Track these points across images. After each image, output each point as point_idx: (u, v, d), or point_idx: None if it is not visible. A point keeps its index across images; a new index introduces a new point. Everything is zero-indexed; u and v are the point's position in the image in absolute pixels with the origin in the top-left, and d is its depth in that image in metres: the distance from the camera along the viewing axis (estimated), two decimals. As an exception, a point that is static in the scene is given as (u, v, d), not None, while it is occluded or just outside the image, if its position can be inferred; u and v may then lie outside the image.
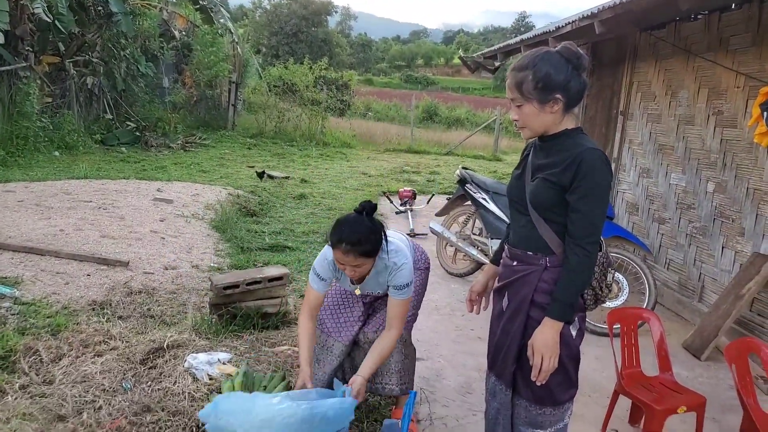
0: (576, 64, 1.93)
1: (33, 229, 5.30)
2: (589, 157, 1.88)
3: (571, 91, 1.94)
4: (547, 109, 1.95)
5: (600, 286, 2.09)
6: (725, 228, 4.50)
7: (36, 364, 3.09)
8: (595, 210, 1.89)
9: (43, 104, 10.31)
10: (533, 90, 1.93)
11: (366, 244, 2.42)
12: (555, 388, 2.03)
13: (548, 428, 2.09)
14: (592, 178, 1.87)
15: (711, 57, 4.68)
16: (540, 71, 1.91)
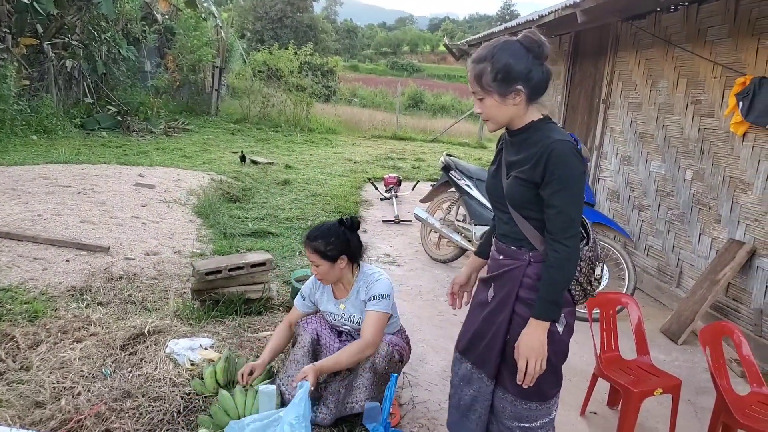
0: (537, 52, 1.86)
1: (9, 214, 5.21)
2: (558, 150, 1.81)
3: (532, 81, 1.86)
4: (509, 101, 1.88)
5: (588, 280, 2.02)
6: (702, 215, 4.57)
7: (13, 350, 3.07)
8: (569, 204, 1.83)
9: (20, 87, 10.10)
10: (492, 82, 1.86)
11: (319, 242, 2.68)
12: (543, 384, 1.99)
13: (534, 422, 2.05)
14: (562, 171, 1.81)
15: (689, 48, 4.72)
16: (499, 62, 1.84)
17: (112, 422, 2.50)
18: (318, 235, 2.71)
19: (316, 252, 2.69)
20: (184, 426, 2.60)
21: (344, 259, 2.75)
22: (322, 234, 2.71)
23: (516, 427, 2.06)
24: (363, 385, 2.70)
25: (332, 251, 2.70)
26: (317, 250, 2.69)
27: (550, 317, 1.88)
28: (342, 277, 2.81)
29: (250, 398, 2.73)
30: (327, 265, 2.71)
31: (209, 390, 2.83)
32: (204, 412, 2.71)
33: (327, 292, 2.92)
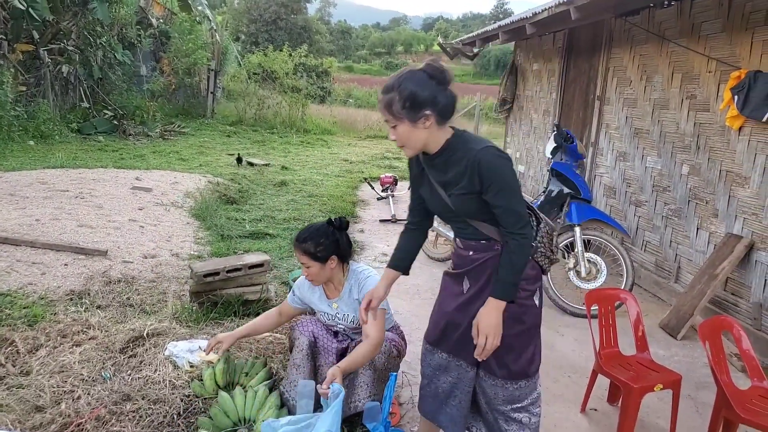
0: (440, 79, 1.99)
1: (7, 219, 5.20)
2: (484, 158, 1.97)
3: (439, 106, 1.99)
4: (420, 125, 2.01)
5: (550, 249, 2.22)
6: (699, 210, 4.58)
7: (12, 355, 3.06)
8: (511, 200, 2.01)
9: (17, 93, 10.08)
10: (402, 110, 1.99)
11: (308, 243, 2.68)
12: (527, 362, 2.16)
13: (525, 400, 2.20)
14: (495, 175, 1.98)
15: (684, 43, 4.73)
16: (405, 91, 1.97)
17: (112, 425, 2.49)
18: (307, 236, 2.72)
19: (306, 254, 2.70)
20: (184, 428, 2.60)
21: (334, 260, 2.76)
22: (311, 235, 2.71)
23: (509, 410, 2.20)
24: (364, 383, 2.70)
25: (322, 252, 2.70)
26: (307, 251, 2.69)
27: (509, 297, 2.06)
28: (333, 277, 2.82)
29: (249, 399, 2.73)
30: (317, 266, 2.73)
31: (209, 392, 2.82)
32: (204, 414, 2.70)
33: (319, 292, 2.92)
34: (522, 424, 2.22)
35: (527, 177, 8.34)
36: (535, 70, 8.21)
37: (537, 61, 8.13)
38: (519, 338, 2.15)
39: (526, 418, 2.22)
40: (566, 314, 4.56)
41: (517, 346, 2.16)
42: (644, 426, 3.05)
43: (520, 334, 2.15)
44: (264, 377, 2.91)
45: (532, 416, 2.23)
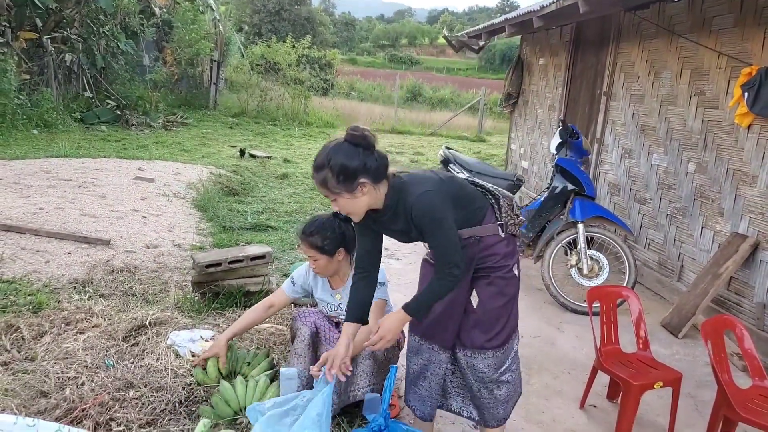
0: (364, 145, 2.08)
1: (12, 207, 5.21)
2: (416, 206, 2.11)
3: (371, 170, 2.09)
4: (358, 194, 2.11)
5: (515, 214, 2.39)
6: (705, 208, 4.57)
7: (18, 341, 3.08)
8: (441, 240, 2.14)
9: (20, 81, 10.06)
10: (338, 184, 2.07)
11: (316, 237, 2.71)
12: (511, 327, 2.37)
13: (508, 360, 2.39)
14: (424, 221, 2.12)
15: (694, 38, 4.70)
16: (336, 166, 2.05)
17: (115, 412, 2.50)
18: (314, 230, 2.73)
19: (313, 247, 2.71)
20: (186, 416, 2.61)
21: (342, 252, 2.78)
22: (318, 228, 2.72)
23: (499, 375, 2.36)
24: (364, 372, 2.71)
25: (329, 245, 2.72)
26: (314, 245, 2.71)
27: (418, 317, 2.27)
28: (340, 269, 2.84)
29: (251, 389, 2.74)
30: (325, 259, 2.75)
31: (211, 380, 2.84)
32: (205, 403, 2.72)
33: (322, 282, 2.94)
34: (509, 383, 2.40)
35: (531, 173, 8.33)
36: (541, 65, 8.19)
37: (543, 55, 8.11)
38: (504, 308, 2.32)
39: (510, 376, 2.40)
40: (567, 311, 4.57)
41: (502, 315, 2.33)
42: (643, 423, 3.06)
43: (504, 305, 2.33)
44: (266, 367, 2.92)
45: (513, 373, 2.42)
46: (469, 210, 2.27)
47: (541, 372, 3.57)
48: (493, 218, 2.31)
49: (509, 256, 2.32)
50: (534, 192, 7.69)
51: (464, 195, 2.28)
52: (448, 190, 2.21)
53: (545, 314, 4.51)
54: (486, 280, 2.31)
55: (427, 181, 2.20)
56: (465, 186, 2.33)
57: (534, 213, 4.96)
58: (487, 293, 2.31)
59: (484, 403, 2.39)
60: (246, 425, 2.61)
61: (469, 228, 2.27)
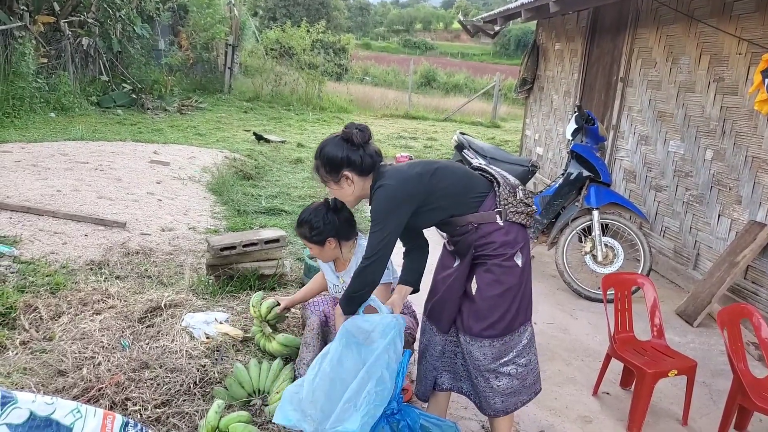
0: (352, 141, 2.26)
1: (30, 189, 5.28)
2: (374, 194, 2.24)
3: (355, 164, 2.27)
4: (344, 184, 2.32)
5: (523, 203, 2.32)
6: (722, 196, 4.51)
7: (36, 321, 3.13)
8: (372, 231, 2.22)
9: (38, 65, 10.13)
10: (327, 174, 2.32)
11: (303, 228, 2.76)
12: (511, 318, 2.30)
13: (511, 352, 2.34)
14: (372, 209, 2.24)
15: (714, 23, 4.61)
16: (324, 157, 2.29)
17: (131, 391, 2.54)
18: (302, 220, 2.77)
19: (303, 237, 2.78)
20: (200, 397, 2.64)
21: (333, 241, 2.78)
22: (306, 219, 2.75)
23: (498, 366, 2.33)
24: None
25: (317, 236, 2.74)
26: (303, 235, 2.77)
27: (345, 311, 2.36)
28: (336, 255, 2.87)
29: (264, 371, 2.77)
30: (316, 248, 2.79)
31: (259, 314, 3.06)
32: (219, 384, 2.75)
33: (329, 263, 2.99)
34: (511, 376, 2.34)
35: (546, 159, 8.26)
36: (557, 50, 8.09)
37: (559, 40, 8.00)
38: (501, 297, 2.28)
39: (513, 369, 2.34)
40: (581, 298, 4.55)
41: (500, 304, 2.28)
42: (656, 411, 3.05)
43: (501, 294, 2.28)
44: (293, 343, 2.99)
45: (519, 366, 2.35)
46: (463, 199, 2.29)
47: (553, 359, 3.57)
48: (493, 206, 2.29)
49: (509, 244, 2.27)
50: (549, 178, 7.64)
51: (458, 186, 2.29)
52: (421, 184, 2.23)
53: (558, 301, 4.50)
54: (483, 267, 2.30)
55: (394, 175, 2.25)
56: (462, 176, 2.33)
57: (549, 199, 4.93)
58: (484, 280, 2.30)
59: (480, 390, 2.38)
60: (260, 407, 2.64)
61: (464, 216, 2.29)
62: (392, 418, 2.18)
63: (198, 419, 2.47)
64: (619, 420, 2.95)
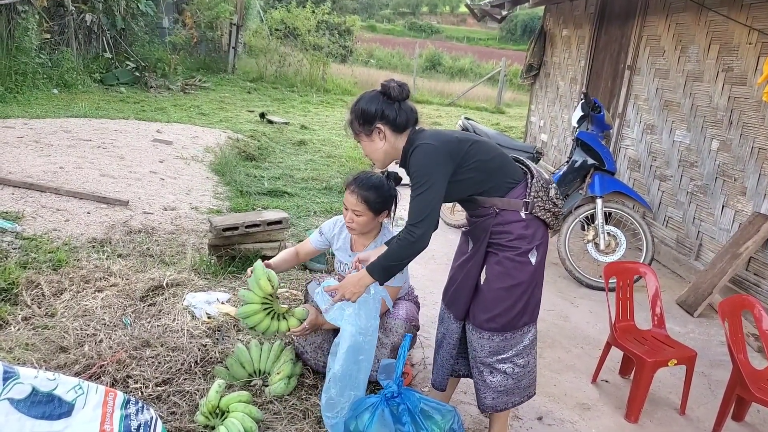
0: (389, 95, 2.21)
1: (33, 165, 5.27)
2: (412, 154, 2.16)
3: (389, 118, 2.21)
4: (375, 138, 2.25)
5: (553, 203, 2.26)
6: (727, 187, 4.49)
7: (38, 297, 3.14)
8: (417, 195, 2.11)
9: (41, 40, 10.05)
10: (359, 126, 2.26)
11: (371, 193, 2.59)
12: (517, 315, 2.26)
13: (510, 351, 2.30)
14: (413, 168, 2.14)
15: (724, 11, 4.56)
16: (357, 110, 2.24)
17: (132, 369, 2.56)
18: (371, 185, 2.61)
19: (365, 202, 2.59)
20: (201, 376, 2.66)
21: (385, 214, 2.71)
22: (374, 185, 2.61)
23: (494, 362, 2.30)
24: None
25: (379, 204, 2.63)
26: (367, 200, 2.59)
27: (376, 277, 2.20)
28: (372, 230, 2.76)
29: (265, 351, 2.77)
30: (370, 216, 2.63)
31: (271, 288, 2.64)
32: (220, 364, 2.76)
33: (345, 239, 2.87)
34: (506, 374, 2.32)
35: (550, 146, 8.22)
36: (564, 36, 8.01)
37: (567, 26, 7.92)
38: (508, 292, 2.24)
39: (510, 368, 2.31)
40: (582, 286, 4.55)
41: (505, 299, 2.24)
42: (655, 400, 3.07)
43: (509, 288, 2.23)
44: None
45: (516, 366, 2.32)
46: (495, 179, 2.21)
47: (553, 346, 3.58)
48: (522, 195, 2.22)
49: (525, 239, 2.21)
50: (553, 166, 7.61)
51: (493, 164, 2.22)
52: (460, 150, 2.16)
53: (559, 288, 4.50)
54: (495, 258, 2.25)
55: (434, 136, 2.18)
56: (499, 156, 2.25)
57: (552, 187, 4.90)
58: (494, 272, 2.25)
59: (475, 382, 2.38)
60: (260, 387, 2.65)
61: (490, 197, 2.22)
62: (392, 401, 2.19)
63: (198, 398, 2.48)
64: (617, 408, 2.97)
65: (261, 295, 2.61)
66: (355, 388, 2.35)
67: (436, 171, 2.10)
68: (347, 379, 2.32)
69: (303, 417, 2.50)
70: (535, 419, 2.82)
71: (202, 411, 2.35)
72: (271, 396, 2.59)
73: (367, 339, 2.33)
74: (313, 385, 2.74)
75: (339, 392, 2.32)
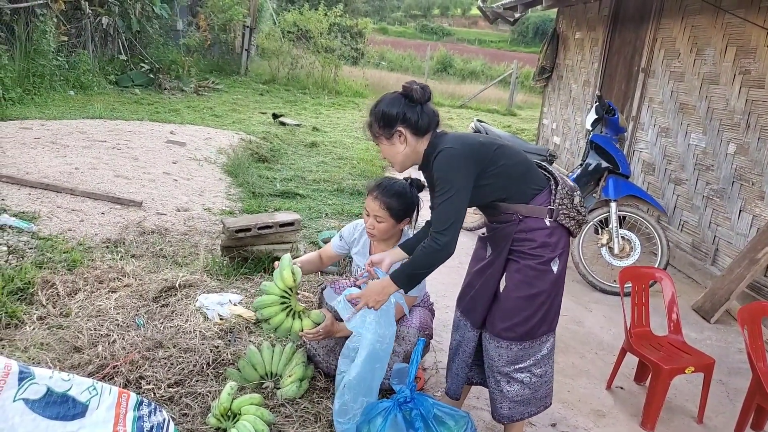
0: (411, 97, 2.13)
1: (49, 166, 5.31)
2: (437, 158, 2.09)
3: (410, 121, 2.14)
4: (395, 141, 2.18)
5: (577, 211, 2.21)
6: (744, 191, 4.43)
7: (53, 297, 3.16)
8: (442, 201, 2.05)
9: (59, 43, 10.16)
10: (379, 129, 2.19)
11: (394, 200, 2.57)
12: (535, 324, 2.21)
13: (528, 360, 2.26)
14: (438, 173, 2.08)
15: (741, 14, 4.51)
16: (378, 112, 2.17)
17: (145, 370, 2.56)
18: (394, 192, 2.58)
19: (388, 209, 2.56)
20: (213, 378, 2.65)
21: (407, 221, 2.68)
22: (397, 192, 2.58)
23: (512, 371, 2.26)
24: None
25: (402, 212, 2.60)
26: (390, 207, 2.56)
27: (401, 285, 2.15)
28: (392, 237, 2.72)
29: (277, 354, 2.77)
30: (391, 223, 2.60)
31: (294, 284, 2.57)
32: (232, 366, 2.76)
33: (363, 243, 2.85)
34: (523, 384, 2.27)
35: (563, 149, 8.17)
36: (577, 39, 7.96)
37: (580, 29, 7.87)
38: (528, 301, 2.19)
39: (527, 378, 2.27)
40: (596, 290, 4.51)
41: (525, 308, 2.19)
42: (671, 408, 3.02)
43: (529, 297, 2.18)
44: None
45: (533, 376, 2.28)
46: (519, 185, 2.17)
47: (567, 351, 3.55)
48: (546, 203, 2.17)
49: (548, 247, 2.16)
50: (566, 168, 7.56)
51: (517, 169, 2.17)
52: (485, 154, 2.11)
53: (573, 293, 4.46)
54: (516, 265, 2.19)
55: (458, 140, 2.13)
56: (523, 162, 2.21)
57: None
58: (514, 280, 2.20)
59: (491, 392, 2.33)
60: (272, 390, 2.65)
61: (514, 204, 2.17)
62: (405, 406, 2.17)
63: (210, 400, 2.48)
64: (632, 415, 2.93)
65: (282, 287, 2.54)
66: (368, 394, 2.33)
67: (461, 176, 2.05)
68: (362, 385, 2.31)
69: (314, 420, 2.49)
70: (548, 426, 2.79)
71: (214, 413, 2.35)
72: (283, 399, 2.58)
73: (383, 347, 2.31)
74: (324, 388, 2.73)
75: (353, 398, 2.31)
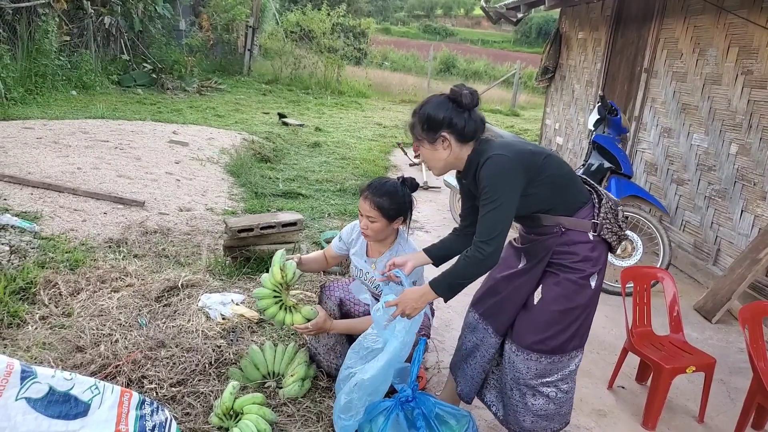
0: (459, 102, 2.05)
1: (51, 166, 5.33)
2: (486, 165, 2.01)
3: (456, 127, 2.06)
4: (438, 146, 2.10)
5: (618, 226, 2.17)
6: (746, 191, 4.42)
7: (55, 296, 3.17)
8: (489, 209, 1.98)
9: (61, 42, 10.18)
10: (422, 132, 2.11)
11: (385, 199, 2.56)
12: (567, 338, 2.16)
13: (556, 374, 2.20)
14: (485, 181, 2.00)
15: (744, 14, 4.50)
16: (423, 115, 2.09)
17: (147, 369, 2.57)
18: (384, 192, 2.57)
19: (378, 208, 2.55)
20: (215, 377, 2.66)
21: (400, 221, 2.68)
22: (388, 192, 2.57)
23: (539, 384, 2.20)
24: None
25: (394, 211, 2.60)
26: (381, 206, 2.55)
27: (441, 294, 2.10)
28: (386, 238, 2.73)
29: (279, 353, 2.78)
30: (384, 222, 2.60)
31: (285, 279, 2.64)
32: (235, 366, 2.76)
33: (361, 245, 2.86)
34: (549, 398, 2.21)
35: (566, 149, 8.17)
36: (580, 39, 7.95)
37: (583, 29, 7.87)
38: (563, 314, 2.14)
39: (553, 392, 2.21)
40: (598, 290, 4.50)
41: (560, 321, 2.14)
42: (672, 407, 3.02)
43: (565, 311, 2.13)
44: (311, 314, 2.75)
45: (560, 391, 2.22)
46: (563, 197, 2.12)
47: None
48: (590, 216, 2.13)
49: (590, 262, 2.11)
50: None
51: (564, 179, 2.12)
52: (535, 163, 2.05)
53: (574, 293, 4.45)
54: (554, 278, 2.14)
55: (507, 147, 2.06)
56: (569, 173, 2.15)
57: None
58: (551, 293, 2.14)
59: (512, 404, 2.26)
60: (274, 389, 2.65)
61: (557, 216, 2.12)
62: (407, 405, 2.18)
63: (213, 399, 2.49)
64: (634, 415, 2.93)
65: (273, 282, 2.62)
66: (375, 395, 2.33)
67: (510, 185, 1.99)
68: (373, 387, 2.30)
69: (317, 420, 2.50)
70: (550, 425, 2.79)
71: (216, 412, 2.35)
72: (285, 398, 2.59)
73: (403, 354, 2.29)
74: (326, 388, 2.74)
75: (360, 397, 2.30)
